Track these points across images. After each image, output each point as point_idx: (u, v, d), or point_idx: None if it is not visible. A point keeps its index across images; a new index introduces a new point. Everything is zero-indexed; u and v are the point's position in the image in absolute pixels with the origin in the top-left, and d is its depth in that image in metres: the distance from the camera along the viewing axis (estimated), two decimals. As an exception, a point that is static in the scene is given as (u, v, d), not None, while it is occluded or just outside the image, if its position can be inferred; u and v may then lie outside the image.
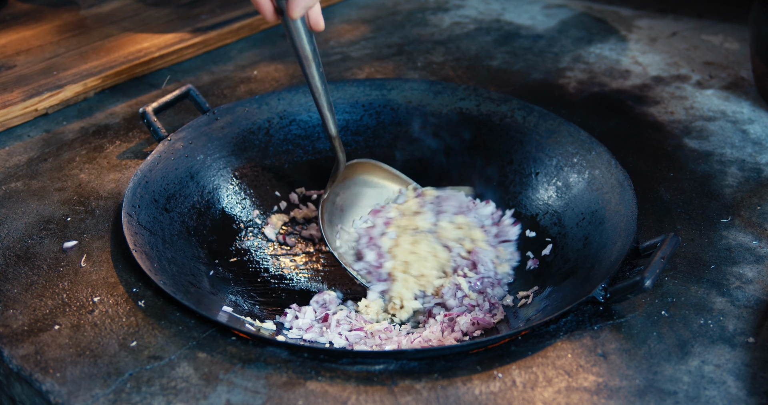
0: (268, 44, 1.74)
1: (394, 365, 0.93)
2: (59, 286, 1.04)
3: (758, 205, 1.21)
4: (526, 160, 1.29)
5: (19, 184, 1.25)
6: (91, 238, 1.13)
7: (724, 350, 0.95)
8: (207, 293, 1.07)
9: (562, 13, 1.92)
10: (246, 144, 1.32)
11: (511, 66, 1.66)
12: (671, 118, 1.46)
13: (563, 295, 1.05)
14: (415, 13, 1.93)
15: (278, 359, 0.94)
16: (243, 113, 1.34)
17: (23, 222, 1.16)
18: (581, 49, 1.74)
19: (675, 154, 1.34)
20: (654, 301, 1.03)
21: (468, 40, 1.78)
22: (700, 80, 1.59)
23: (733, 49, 1.72)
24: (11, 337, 0.96)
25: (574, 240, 1.16)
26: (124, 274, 1.06)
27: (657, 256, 0.97)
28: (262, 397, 0.88)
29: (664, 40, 1.77)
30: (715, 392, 0.90)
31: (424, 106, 1.38)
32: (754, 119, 1.44)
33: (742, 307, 1.02)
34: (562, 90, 1.56)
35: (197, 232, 1.19)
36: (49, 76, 1.49)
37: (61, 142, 1.37)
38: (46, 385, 0.90)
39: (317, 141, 1.37)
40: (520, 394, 0.89)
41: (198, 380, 0.90)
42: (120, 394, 0.88)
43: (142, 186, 1.15)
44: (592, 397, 0.89)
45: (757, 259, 1.10)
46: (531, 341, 0.97)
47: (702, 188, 1.25)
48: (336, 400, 0.88)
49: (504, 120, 1.33)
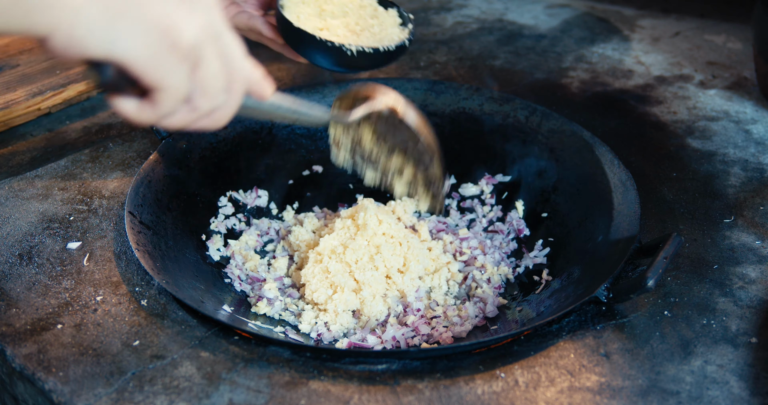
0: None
1: (397, 365, 0.93)
2: (62, 286, 1.04)
3: (761, 205, 1.21)
4: (529, 159, 1.29)
5: (23, 183, 1.25)
6: (94, 237, 1.13)
7: (727, 350, 0.95)
8: (209, 292, 1.07)
9: (565, 13, 1.92)
10: (249, 143, 1.32)
11: (513, 66, 1.66)
12: (674, 118, 1.45)
13: (566, 294, 1.05)
14: (417, 13, 1.93)
15: (281, 358, 0.94)
16: (246, 113, 1.34)
17: (26, 221, 1.16)
18: (584, 48, 1.73)
19: (678, 154, 1.34)
20: (657, 301, 1.03)
21: (471, 40, 1.78)
22: (702, 80, 1.59)
23: (736, 49, 1.71)
24: (14, 336, 0.96)
25: (577, 240, 1.16)
26: (126, 274, 1.06)
27: (660, 256, 0.96)
28: (264, 397, 0.88)
29: (666, 40, 1.77)
30: (718, 392, 0.89)
31: (427, 105, 1.38)
32: (757, 119, 1.44)
33: (744, 307, 1.02)
34: (565, 90, 1.56)
35: (199, 231, 1.19)
36: (52, 75, 1.50)
37: (64, 141, 1.37)
38: (49, 384, 0.90)
39: (320, 140, 1.37)
40: (523, 393, 0.89)
41: (200, 379, 0.90)
42: (123, 393, 0.88)
43: (144, 185, 1.15)
44: (595, 397, 0.89)
45: (759, 259, 1.10)
46: (533, 341, 0.97)
47: (705, 188, 1.25)
48: (338, 400, 0.88)
49: (507, 120, 1.33)
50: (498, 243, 1.22)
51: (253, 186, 1.29)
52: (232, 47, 0.71)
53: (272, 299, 1.09)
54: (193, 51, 0.66)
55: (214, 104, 0.72)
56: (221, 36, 0.69)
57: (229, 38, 0.71)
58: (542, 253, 1.18)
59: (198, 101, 0.70)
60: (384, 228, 1.12)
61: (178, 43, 0.64)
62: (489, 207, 1.28)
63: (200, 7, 0.67)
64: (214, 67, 0.68)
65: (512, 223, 1.24)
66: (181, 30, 0.64)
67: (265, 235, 1.23)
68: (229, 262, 1.17)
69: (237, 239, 1.21)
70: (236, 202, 1.26)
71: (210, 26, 0.67)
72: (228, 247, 1.19)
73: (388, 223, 1.13)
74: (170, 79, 0.66)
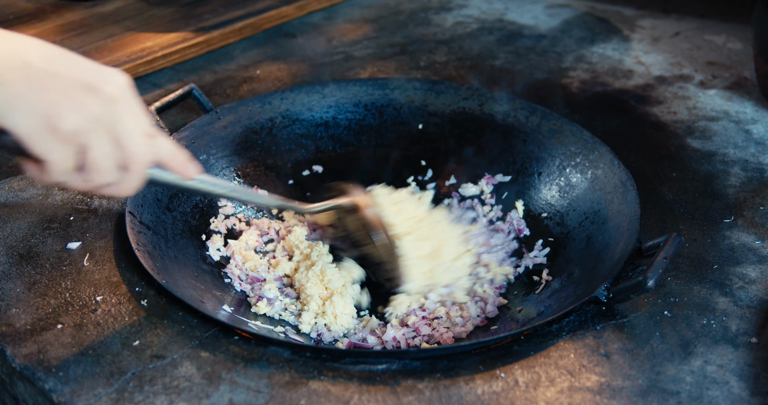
0: (271, 44, 1.74)
1: (397, 365, 0.93)
2: (62, 286, 1.04)
3: (761, 205, 1.21)
4: (529, 159, 1.29)
5: (23, 183, 1.25)
6: (94, 237, 1.13)
7: (727, 350, 0.95)
8: (209, 292, 1.07)
9: (565, 13, 1.92)
10: (249, 143, 1.32)
11: (513, 66, 1.66)
12: (674, 118, 1.45)
13: (566, 294, 1.05)
14: (417, 13, 1.93)
15: (281, 358, 0.94)
16: (246, 113, 1.34)
17: (26, 221, 1.16)
18: (584, 48, 1.73)
19: (678, 154, 1.34)
20: (657, 301, 1.03)
21: (471, 40, 1.78)
22: (702, 80, 1.59)
23: (736, 49, 1.71)
24: (14, 336, 0.96)
25: (577, 240, 1.16)
26: (126, 274, 1.06)
27: (660, 256, 0.96)
28: (264, 397, 0.88)
29: (666, 40, 1.77)
30: (718, 392, 0.89)
31: (427, 105, 1.38)
32: (757, 119, 1.44)
33: (744, 307, 1.02)
34: (565, 90, 1.56)
35: (199, 231, 1.19)
36: (52, 75, 1.49)
37: (64, 141, 1.37)
38: (49, 384, 0.90)
39: (320, 140, 1.37)
40: (523, 393, 0.89)
41: (200, 379, 0.90)
42: (123, 393, 0.88)
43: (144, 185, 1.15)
44: (595, 397, 0.89)
45: (760, 259, 1.10)
46: (533, 341, 0.97)
47: (705, 188, 1.25)
48: (338, 400, 0.88)
49: (507, 120, 1.33)
50: (500, 241, 1.22)
51: (253, 186, 1.29)
52: (129, 132, 0.79)
53: (272, 299, 1.09)
54: (76, 136, 0.75)
55: (107, 180, 0.81)
56: (116, 123, 0.78)
57: (128, 125, 0.79)
58: (542, 253, 1.18)
59: (90, 176, 0.79)
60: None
61: (58, 129, 0.74)
62: (489, 207, 1.28)
63: (97, 99, 0.76)
64: (102, 150, 0.77)
65: (512, 223, 1.24)
66: (64, 118, 0.74)
67: (265, 235, 1.23)
68: (229, 262, 1.17)
69: (237, 239, 1.21)
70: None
71: (103, 115, 0.76)
72: (228, 247, 1.19)
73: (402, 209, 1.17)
74: (50, 155, 0.75)
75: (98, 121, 0.76)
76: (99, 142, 0.77)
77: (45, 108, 0.73)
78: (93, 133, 0.76)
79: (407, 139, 1.38)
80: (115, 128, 0.78)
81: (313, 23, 1.86)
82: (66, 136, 0.75)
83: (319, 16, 1.89)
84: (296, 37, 1.78)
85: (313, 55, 1.70)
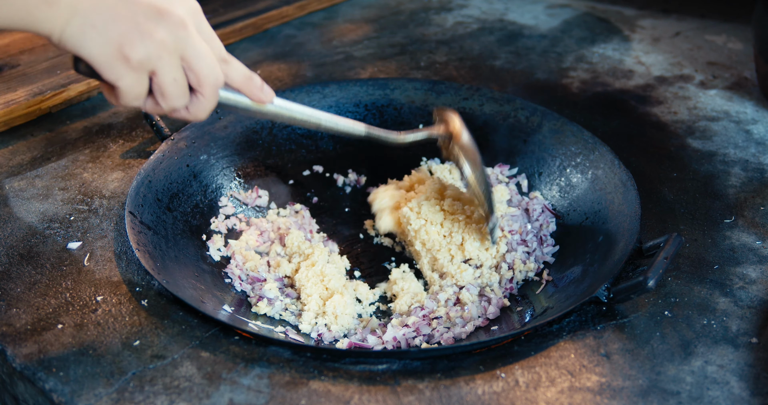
0: (272, 44, 1.75)
1: (397, 365, 0.93)
2: (62, 285, 1.04)
3: (761, 206, 1.21)
4: (529, 159, 1.29)
5: (23, 183, 1.25)
6: (95, 237, 1.13)
7: (727, 350, 0.95)
8: (210, 293, 1.07)
9: (566, 13, 1.92)
10: (249, 143, 1.32)
11: (514, 66, 1.66)
12: (674, 118, 1.45)
13: (566, 295, 1.05)
14: (418, 13, 1.93)
15: (281, 359, 0.94)
16: (246, 113, 1.34)
17: (27, 221, 1.16)
18: (584, 49, 1.73)
19: (678, 154, 1.34)
20: (657, 301, 1.03)
21: (471, 40, 1.78)
22: (703, 80, 1.59)
23: (736, 49, 1.71)
24: (15, 336, 0.96)
25: (577, 240, 1.16)
26: (127, 274, 1.06)
27: (660, 256, 0.96)
28: (265, 397, 0.88)
29: (667, 40, 1.77)
30: (718, 392, 0.89)
31: (428, 105, 1.38)
32: (758, 119, 1.44)
33: (745, 307, 1.02)
34: (566, 90, 1.56)
35: (200, 231, 1.19)
36: (52, 75, 1.50)
37: (65, 141, 1.37)
38: (50, 384, 0.90)
39: (320, 140, 1.37)
40: (523, 393, 0.89)
41: (201, 379, 0.90)
42: (123, 393, 0.88)
43: (145, 185, 1.15)
44: (595, 397, 0.89)
45: (760, 259, 1.10)
46: (534, 341, 0.97)
47: (705, 188, 1.25)
48: (339, 400, 0.88)
49: (507, 120, 1.33)
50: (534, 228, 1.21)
51: (254, 186, 1.29)
52: (198, 56, 0.83)
53: (273, 299, 1.09)
54: (145, 64, 0.80)
55: (178, 104, 0.85)
56: (185, 48, 0.82)
57: (197, 48, 0.83)
58: (550, 251, 1.17)
59: (160, 100, 0.84)
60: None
61: (129, 57, 0.79)
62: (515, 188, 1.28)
63: (165, 25, 0.80)
64: (171, 75, 0.82)
65: (545, 205, 1.23)
66: (133, 47, 0.78)
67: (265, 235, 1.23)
68: (229, 262, 1.17)
69: (237, 239, 1.21)
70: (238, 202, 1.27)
71: (172, 41, 0.80)
72: (228, 247, 1.19)
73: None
74: (121, 81, 0.80)
75: (166, 47, 0.80)
76: (168, 68, 0.81)
77: (116, 38, 0.77)
78: (161, 60, 0.80)
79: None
80: (185, 52, 0.82)
81: (314, 23, 1.86)
82: (135, 64, 0.79)
83: (319, 16, 1.89)
84: (296, 37, 1.78)
85: (313, 55, 1.70)
